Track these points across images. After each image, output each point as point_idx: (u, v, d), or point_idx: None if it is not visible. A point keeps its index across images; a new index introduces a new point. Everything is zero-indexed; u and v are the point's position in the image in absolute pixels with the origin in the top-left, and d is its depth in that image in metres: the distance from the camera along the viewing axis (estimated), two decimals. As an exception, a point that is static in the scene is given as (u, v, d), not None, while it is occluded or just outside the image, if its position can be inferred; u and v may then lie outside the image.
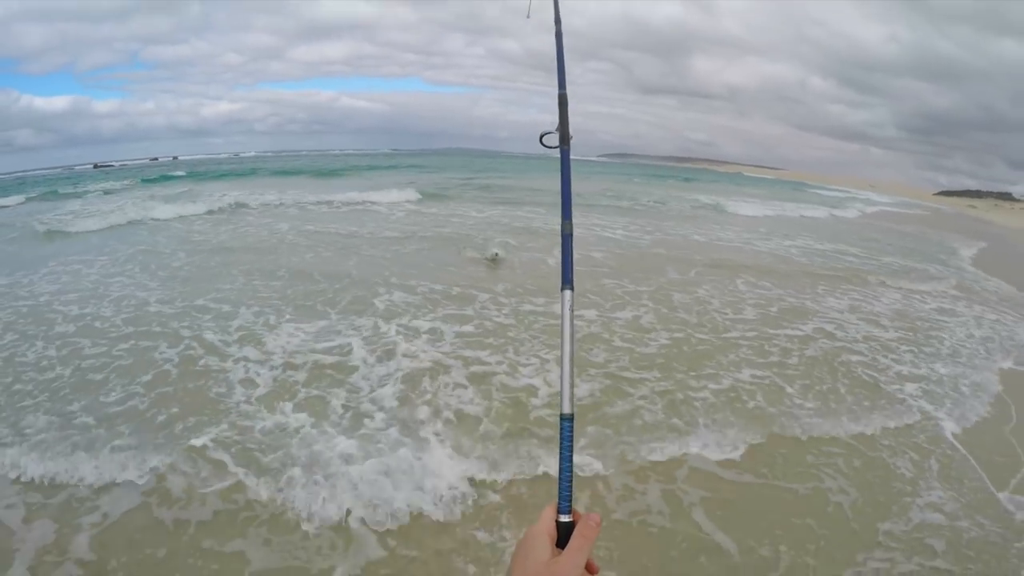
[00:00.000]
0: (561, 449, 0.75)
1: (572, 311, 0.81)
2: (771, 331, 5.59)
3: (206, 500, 2.85)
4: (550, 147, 1.04)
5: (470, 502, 2.87)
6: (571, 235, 0.92)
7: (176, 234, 10.17)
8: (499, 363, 4.44)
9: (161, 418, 3.57)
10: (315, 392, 3.93)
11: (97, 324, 5.19)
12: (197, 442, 3.25)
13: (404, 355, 4.53)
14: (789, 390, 4.28)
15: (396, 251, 8.67)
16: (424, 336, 4.96)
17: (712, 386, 4.22)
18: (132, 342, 4.79)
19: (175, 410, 3.67)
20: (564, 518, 0.69)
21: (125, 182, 23.62)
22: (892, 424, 3.90)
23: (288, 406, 3.72)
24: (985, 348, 5.70)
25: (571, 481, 0.72)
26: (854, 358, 5.07)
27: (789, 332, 5.62)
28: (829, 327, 5.88)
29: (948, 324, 6.46)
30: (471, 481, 3.01)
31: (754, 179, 61.61)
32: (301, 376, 4.16)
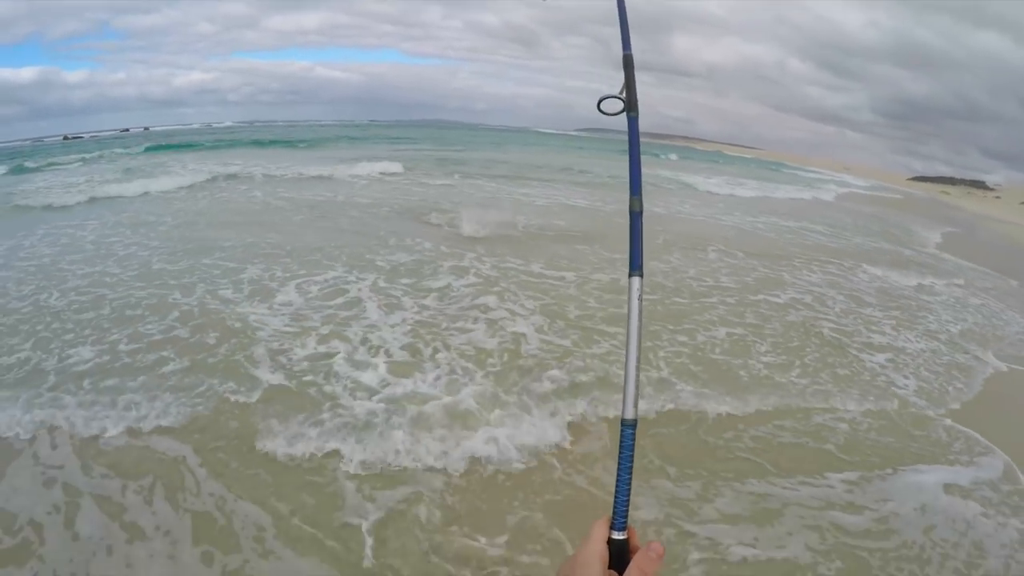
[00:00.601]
0: (621, 459, 0.69)
1: (641, 301, 0.73)
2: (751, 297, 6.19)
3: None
4: (610, 114, 0.88)
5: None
6: (640, 213, 0.79)
7: (167, 205, 10.31)
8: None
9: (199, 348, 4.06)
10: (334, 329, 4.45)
11: (107, 279, 5.54)
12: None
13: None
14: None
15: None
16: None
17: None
18: (149, 290, 5.21)
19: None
20: (618, 535, 0.65)
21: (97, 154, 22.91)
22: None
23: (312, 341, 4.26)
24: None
25: (628, 495, 0.66)
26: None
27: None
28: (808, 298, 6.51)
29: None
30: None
31: (733, 158, 61.84)
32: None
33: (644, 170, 0.87)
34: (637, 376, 0.71)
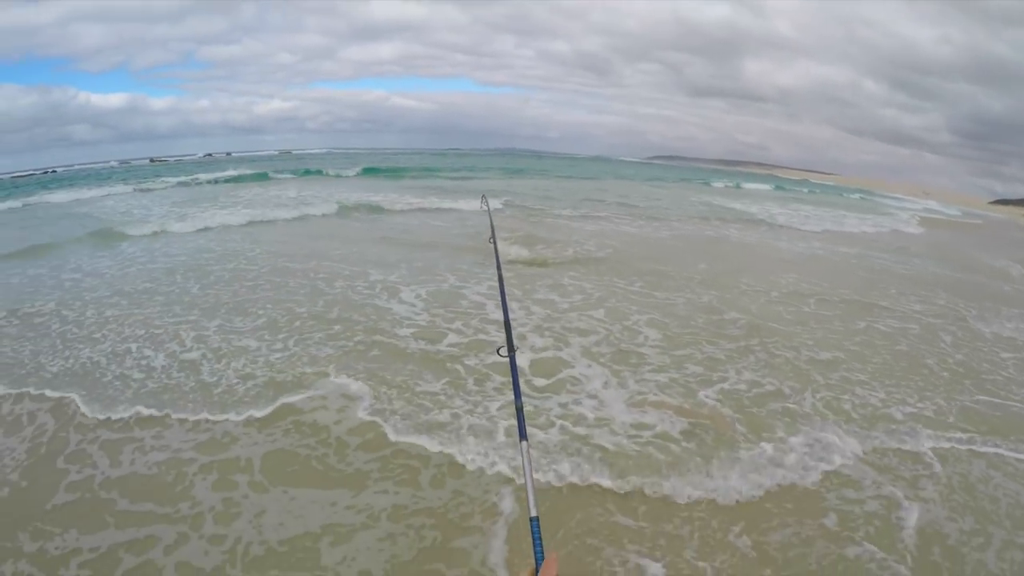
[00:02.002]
0: (534, 544, 1.04)
1: (529, 456, 1.26)
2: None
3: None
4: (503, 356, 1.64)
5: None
6: (521, 409, 1.46)
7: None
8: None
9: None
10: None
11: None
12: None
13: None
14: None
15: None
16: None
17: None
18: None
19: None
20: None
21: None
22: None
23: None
24: None
25: (542, 559, 1.01)
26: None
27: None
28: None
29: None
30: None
31: (820, 185, 57.14)
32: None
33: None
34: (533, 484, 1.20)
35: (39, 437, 3.78)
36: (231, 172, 26.86)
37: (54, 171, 47.16)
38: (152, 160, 64.85)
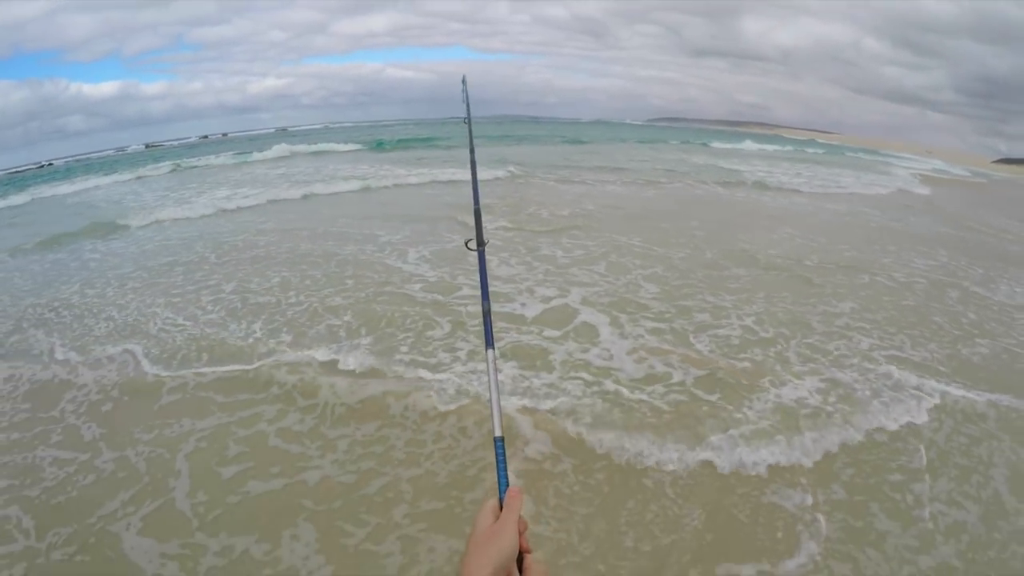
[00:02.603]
0: (497, 464, 0.97)
1: (495, 367, 1.12)
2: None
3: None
4: (472, 250, 1.51)
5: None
6: (489, 312, 1.28)
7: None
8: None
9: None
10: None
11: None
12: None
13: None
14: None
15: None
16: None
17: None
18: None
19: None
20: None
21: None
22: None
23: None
24: None
25: (507, 485, 0.93)
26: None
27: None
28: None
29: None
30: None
31: (827, 145, 55.63)
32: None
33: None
34: (499, 401, 1.06)
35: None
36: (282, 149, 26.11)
37: (51, 164, 46.94)
38: (148, 146, 64.27)
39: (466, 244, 1.56)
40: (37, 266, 8.07)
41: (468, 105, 2.49)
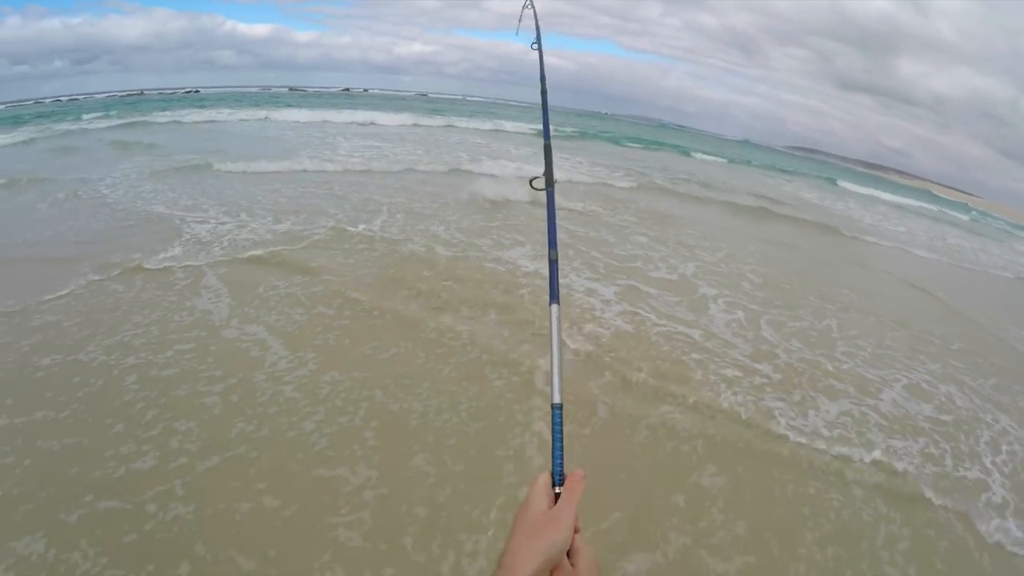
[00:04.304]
0: (553, 434, 0.86)
1: (560, 322, 0.98)
2: None
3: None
4: (538, 189, 1.25)
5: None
6: (556, 261, 1.10)
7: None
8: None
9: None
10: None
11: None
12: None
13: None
14: None
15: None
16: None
17: None
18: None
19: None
20: (558, 490, 0.78)
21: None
22: None
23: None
24: None
25: (562, 460, 0.82)
26: None
27: None
28: None
29: None
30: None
31: (979, 211, 41.72)
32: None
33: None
34: (561, 368, 0.91)
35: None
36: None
37: (197, 91, 50.92)
38: (291, 89, 70.31)
39: (530, 183, 1.30)
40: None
41: (538, 29, 2.10)
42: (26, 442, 2.67)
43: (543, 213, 1.16)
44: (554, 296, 1.02)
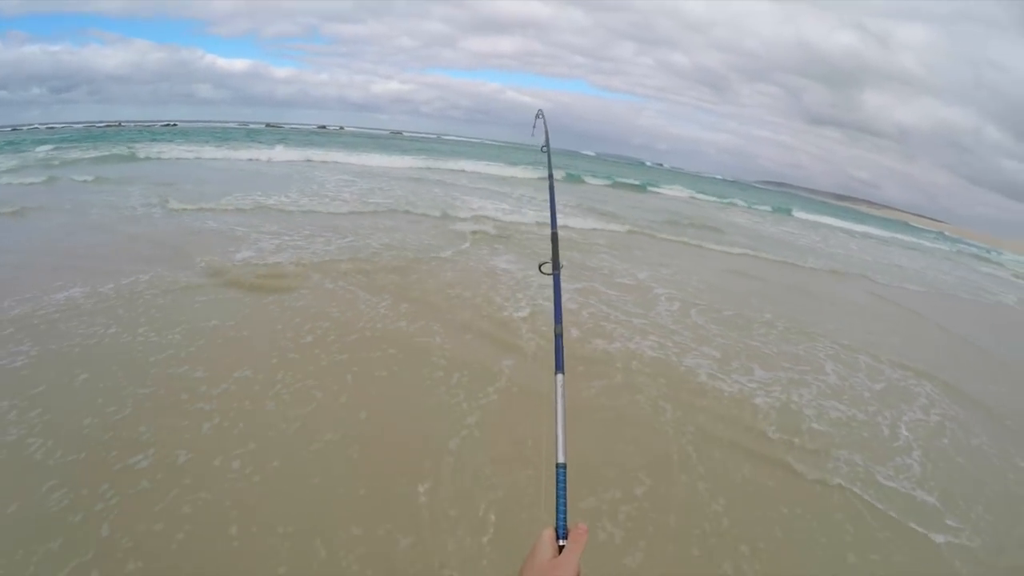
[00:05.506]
0: (557, 492, 0.93)
1: (564, 390, 1.06)
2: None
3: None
4: (546, 273, 1.45)
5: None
6: (561, 335, 1.23)
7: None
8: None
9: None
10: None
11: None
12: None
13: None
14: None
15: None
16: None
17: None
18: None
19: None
20: (562, 543, 0.85)
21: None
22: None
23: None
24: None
25: (565, 515, 0.89)
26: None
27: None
28: None
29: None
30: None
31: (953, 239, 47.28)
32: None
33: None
34: (565, 428, 0.99)
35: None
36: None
37: (174, 124, 48.96)
38: (268, 125, 70.86)
39: (539, 268, 1.47)
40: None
41: (547, 135, 2.65)
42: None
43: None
44: (559, 366, 1.11)
